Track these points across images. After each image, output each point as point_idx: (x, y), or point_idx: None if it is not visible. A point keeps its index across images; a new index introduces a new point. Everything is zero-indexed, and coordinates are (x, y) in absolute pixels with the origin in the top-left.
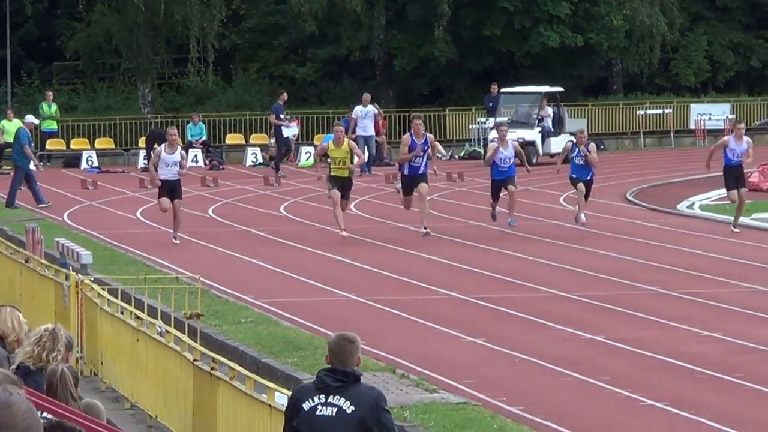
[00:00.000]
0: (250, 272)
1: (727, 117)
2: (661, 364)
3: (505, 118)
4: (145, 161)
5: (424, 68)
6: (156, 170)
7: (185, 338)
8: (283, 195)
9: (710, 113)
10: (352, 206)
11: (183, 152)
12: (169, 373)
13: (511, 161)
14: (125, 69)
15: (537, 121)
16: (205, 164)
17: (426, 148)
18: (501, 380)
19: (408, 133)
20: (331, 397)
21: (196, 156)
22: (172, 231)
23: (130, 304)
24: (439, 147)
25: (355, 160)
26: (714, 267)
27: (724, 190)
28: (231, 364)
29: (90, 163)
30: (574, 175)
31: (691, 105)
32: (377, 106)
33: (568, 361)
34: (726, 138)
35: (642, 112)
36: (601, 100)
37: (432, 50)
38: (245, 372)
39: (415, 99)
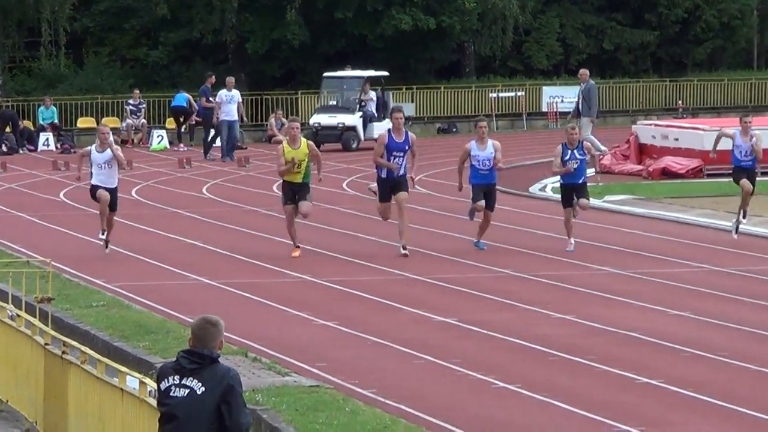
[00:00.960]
0: (101, 256)
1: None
2: (513, 347)
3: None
4: None
5: (276, 51)
6: (85, 167)
7: (36, 322)
8: (136, 179)
9: (562, 96)
10: (204, 189)
11: (116, 146)
12: (20, 357)
13: (491, 163)
14: None
15: (359, 106)
16: (56, 148)
17: (407, 148)
18: (353, 363)
19: (385, 130)
20: (185, 378)
21: (47, 139)
22: (104, 240)
23: None
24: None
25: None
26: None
27: None
28: (82, 348)
29: None
30: (563, 182)
31: (544, 87)
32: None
33: (421, 344)
34: (732, 131)
35: (494, 95)
36: (453, 83)
37: (284, 33)
38: (97, 356)
39: (268, 82)
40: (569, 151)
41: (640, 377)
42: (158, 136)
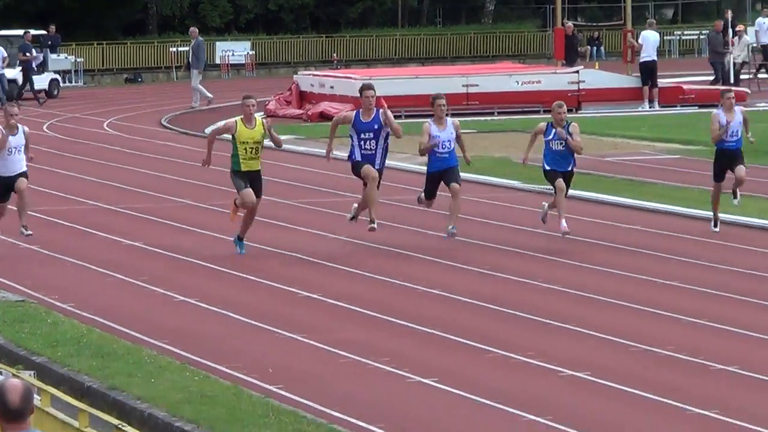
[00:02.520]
0: None
1: (247, 53)
2: (191, 266)
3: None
4: None
5: None
6: None
7: None
8: None
9: (233, 50)
10: None
11: (27, 129)
12: None
13: (452, 145)
14: None
15: (18, 62)
16: None
17: (377, 127)
18: (55, 281)
19: (355, 110)
20: None
21: None
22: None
23: None
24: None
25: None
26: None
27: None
28: None
29: None
30: (548, 167)
31: (217, 43)
32: None
33: (113, 264)
34: (714, 113)
35: (174, 49)
36: (139, 39)
37: None
38: None
39: None
40: (553, 131)
41: (302, 291)
42: None
